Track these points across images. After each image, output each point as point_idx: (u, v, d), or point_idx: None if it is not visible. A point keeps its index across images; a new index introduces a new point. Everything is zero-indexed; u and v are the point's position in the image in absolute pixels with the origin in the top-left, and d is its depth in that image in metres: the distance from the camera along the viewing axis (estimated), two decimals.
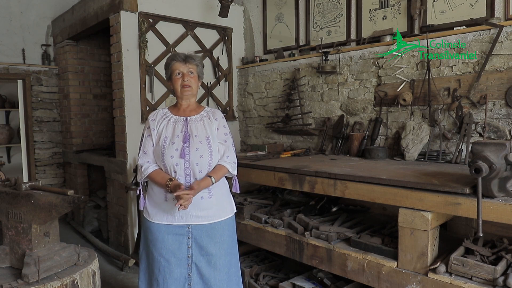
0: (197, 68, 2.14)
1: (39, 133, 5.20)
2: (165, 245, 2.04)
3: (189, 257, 2.05)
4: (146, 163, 2.08)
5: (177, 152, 2.01)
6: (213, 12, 4.33)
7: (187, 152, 2.00)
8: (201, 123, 2.10)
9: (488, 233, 2.32)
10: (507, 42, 2.71)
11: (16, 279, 1.83)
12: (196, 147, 2.02)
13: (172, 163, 2.00)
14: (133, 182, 3.74)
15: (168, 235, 2.05)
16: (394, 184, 2.24)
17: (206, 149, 2.03)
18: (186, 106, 2.16)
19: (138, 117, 3.90)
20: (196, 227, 2.04)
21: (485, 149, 1.91)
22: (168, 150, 2.02)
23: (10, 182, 2.14)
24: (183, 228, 2.04)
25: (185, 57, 2.10)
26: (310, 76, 3.98)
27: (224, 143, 2.13)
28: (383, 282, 2.25)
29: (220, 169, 2.07)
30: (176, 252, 2.04)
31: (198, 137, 2.05)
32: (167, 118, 2.13)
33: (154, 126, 2.11)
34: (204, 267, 2.05)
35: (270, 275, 3.17)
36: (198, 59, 2.15)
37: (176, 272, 2.03)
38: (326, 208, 3.15)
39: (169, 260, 2.03)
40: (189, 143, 2.02)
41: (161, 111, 2.19)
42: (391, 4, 3.44)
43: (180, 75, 2.09)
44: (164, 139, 2.05)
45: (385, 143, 3.41)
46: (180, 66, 2.08)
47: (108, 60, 4.95)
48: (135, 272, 3.64)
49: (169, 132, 2.07)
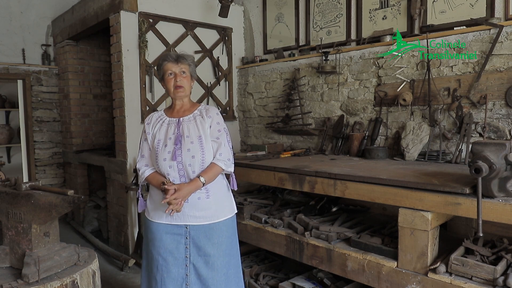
0: (190, 68, 2.12)
1: (39, 133, 5.20)
2: (163, 244, 2.05)
3: (187, 257, 2.05)
4: (143, 166, 2.12)
5: (169, 154, 2.01)
6: (213, 12, 4.33)
7: (179, 153, 2.00)
8: (194, 123, 2.09)
9: (488, 233, 2.32)
10: (507, 42, 2.72)
11: (16, 279, 1.83)
12: (188, 148, 2.01)
13: (165, 166, 2.01)
14: (133, 182, 3.74)
15: (166, 235, 2.05)
16: (394, 184, 2.24)
17: (198, 149, 2.02)
18: (179, 107, 2.15)
19: (138, 117, 3.90)
20: (194, 228, 2.04)
21: (485, 149, 1.91)
22: (161, 153, 2.03)
23: (10, 182, 2.14)
24: (181, 228, 2.04)
25: (177, 57, 2.09)
26: (310, 76, 3.98)
27: (216, 140, 2.08)
28: (383, 282, 2.25)
29: (211, 168, 2.03)
30: (173, 251, 2.04)
31: (189, 137, 2.04)
32: (161, 121, 2.13)
33: (149, 129, 2.13)
34: (201, 267, 2.05)
35: (270, 275, 3.17)
36: (190, 59, 2.14)
37: (174, 271, 2.04)
38: (326, 208, 3.15)
39: (167, 260, 2.04)
40: (180, 145, 2.01)
41: (156, 113, 2.19)
42: (391, 4, 3.44)
43: (173, 76, 2.08)
44: (157, 142, 2.06)
45: (385, 143, 3.41)
46: (172, 66, 2.07)
47: (108, 60, 4.95)
48: (135, 272, 3.64)
49: (162, 135, 2.08)
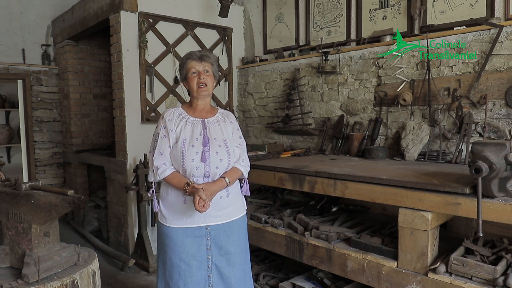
0: (213, 67, 2.08)
1: (39, 133, 5.20)
2: (184, 249, 2.01)
3: (209, 258, 2.03)
4: (162, 165, 2.01)
5: (197, 155, 1.97)
6: (213, 12, 4.33)
7: (208, 156, 1.98)
8: (218, 126, 2.09)
9: (488, 233, 2.32)
10: (507, 42, 2.71)
11: (16, 279, 1.83)
12: (216, 151, 2.00)
13: (192, 167, 1.96)
14: (133, 182, 3.74)
15: (187, 238, 2.01)
16: (394, 184, 2.24)
17: (224, 152, 2.03)
18: (202, 107, 2.10)
19: (138, 117, 3.90)
20: (215, 227, 2.04)
21: (485, 149, 1.91)
22: (188, 153, 1.97)
23: (10, 182, 2.14)
24: (201, 229, 2.03)
25: (201, 55, 2.05)
26: (310, 76, 3.98)
27: (240, 146, 2.14)
28: (383, 282, 2.25)
29: (235, 172, 2.09)
30: (196, 254, 2.02)
31: (217, 140, 2.03)
32: (184, 119, 2.05)
33: (172, 126, 2.03)
34: (223, 266, 2.05)
35: (270, 275, 3.17)
36: (213, 58, 2.11)
37: (197, 275, 2.01)
38: (326, 208, 3.15)
39: (190, 264, 2.00)
40: (209, 147, 1.99)
41: (176, 110, 2.10)
42: (391, 4, 3.44)
43: (196, 74, 2.03)
44: (183, 141, 1.99)
45: (385, 143, 3.41)
46: (196, 65, 2.03)
47: (108, 60, 4.95)
48: (135, 272, 3.64)
49: (187, 134, 2.01)
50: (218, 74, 2.16)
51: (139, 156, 3.84)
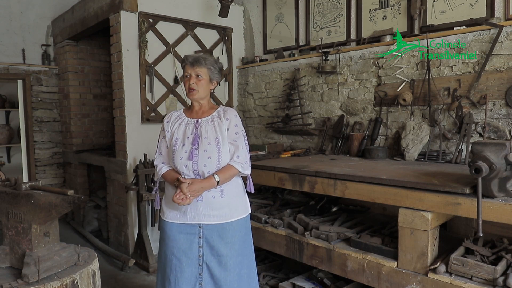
0: (209, 71, 2.11)
1: (39, 133, 5.20)
2: (176, 244, 2.07)
3: (200, 256, 2.06)
4: (160, 163, 2.16)
5: (186, 153, 2.04)
6: (213, 12, 4.33)
7: (195, 153, 2.03)
8: (211, 124, 2.11)
9: (488, 233, 2.32)
10: (507, 42, 2.71)
11: (16, 279, 1.83)
12: (205, 149, 2.04)
13: (181, 164, 2.04)
14: (133, 182, 3.74)
15: (179, 234, 2.07)
16: (394, 184, 2.24)
17: (214, 150, 2.04)
18: (198, 108, 2.18)
19: (138, 117, 3.90)
20: (208, 227, 2.06)
21: (485, 149, 1.91)
22: (178, 151, 2.06)
23: (10, 182, 2.14)
24: (194, 227, 2.06)
25: (193, 61, 2.09)
26: (310, 76, 3.98)
27: (234, 142, 2.11)
28: (383, 282, 2.25)
29: (228, 169, 2.06)
30: (187, 251, 2.06)
31: (207, 138, 2.06)
32: (180, 120, 2.17)
33: (168, 127, 2.17)
34: (214, 267, 2.06)
35: (270, 275, 3.17)
36: (210, 62, 2.12)
37: (187, 271, 2.05)
38: (326, 208, 3.15)
39: (181, 259, 2.06)
40: (197, 145, 2.04)
41: (176, 112, 2.23)
42: (391, 4, 3.44)
43: (188, 78, 2.11)
44: (175, 141, 2.10)
45: (385, 143, 3.41)
46: (189, 69, 2.10)
47: (108, 60, 4.95)
48: (135, 272, 3.64)
49: (180, 134, 2.11)
50: (219, 76, 2.19)
51: (139, 156, 3.84)
